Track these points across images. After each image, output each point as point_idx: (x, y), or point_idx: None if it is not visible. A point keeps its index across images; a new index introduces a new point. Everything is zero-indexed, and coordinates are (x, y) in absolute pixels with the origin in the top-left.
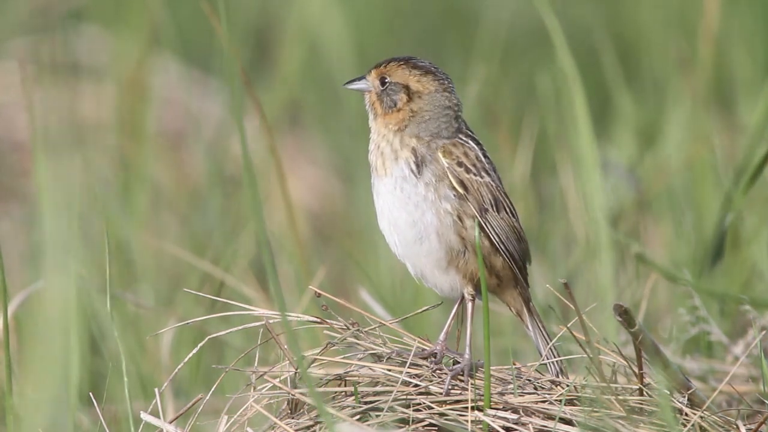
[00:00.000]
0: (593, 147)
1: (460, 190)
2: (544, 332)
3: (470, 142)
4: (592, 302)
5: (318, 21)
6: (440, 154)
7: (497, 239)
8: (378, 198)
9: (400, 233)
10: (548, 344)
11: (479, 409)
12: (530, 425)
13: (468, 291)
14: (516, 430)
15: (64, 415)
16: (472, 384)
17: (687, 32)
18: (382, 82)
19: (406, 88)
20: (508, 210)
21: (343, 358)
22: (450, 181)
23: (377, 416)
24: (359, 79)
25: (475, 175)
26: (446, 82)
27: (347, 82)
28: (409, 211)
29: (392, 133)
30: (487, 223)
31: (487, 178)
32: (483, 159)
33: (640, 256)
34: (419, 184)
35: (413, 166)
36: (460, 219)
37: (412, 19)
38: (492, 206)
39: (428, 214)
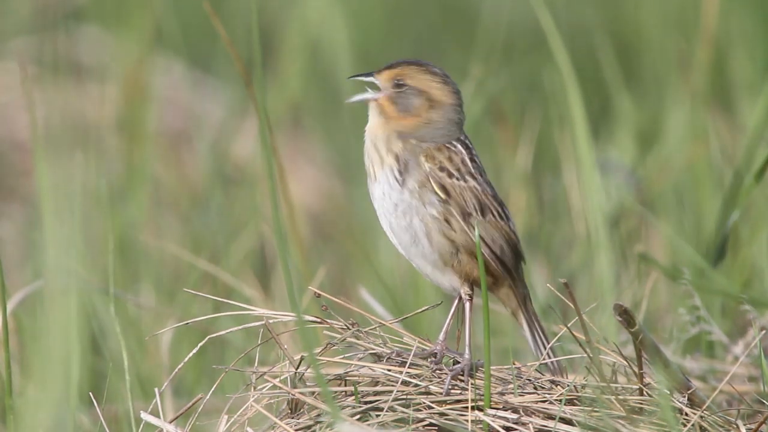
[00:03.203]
0: (590, 147)
1: (442, 195)
2: (540, 333)
3: (458, 146)
4: (592, 302)
5: (318, 21)
6: (423, 159)
7: (484, 242)
8: (374, 201)
9: (397, 236)
10: (543, 345)
11: (479, 409)
12: (530, 425)
13: (465, 290)
14: (516, 429)
15: (64, 415)
16: (472, 384)
17: (686, 32)
18: (398, 85)
19: (426, 95)
20: (495, 213)
21: (343, 358)
22: (432, 186)
23: (377, 416)
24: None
25: (458, 179)
26: (460, 96)
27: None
28: (398, 216)
29: (383, 138)
30: (471, 228)
31: (472, 182)
32: (469, 163)
33: (643, 256)
34: (404, 191)
35: (396, 174)
36: (447, 222)
37: (412, 18)
38: (476, 210)
39: (415, 220)
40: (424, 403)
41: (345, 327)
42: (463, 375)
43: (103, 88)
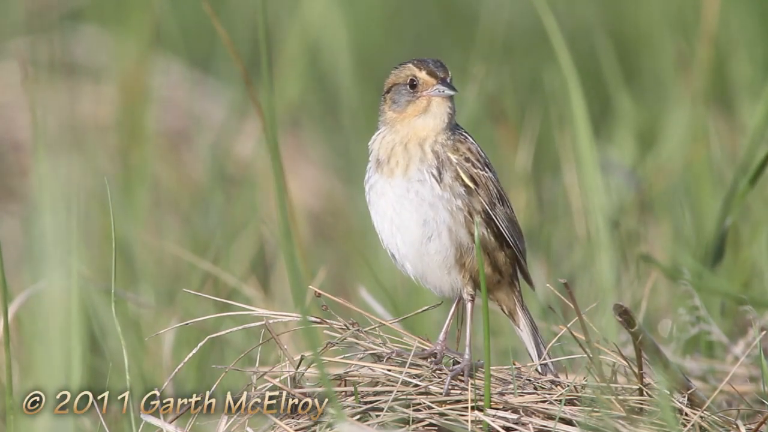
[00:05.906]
0: (592, 147)
1: (471, 185)
2: (536, 333)
3: (469, 137)
4: (592, 302)
5: (318, 21)
6: (450, 153)
7: (507, 232)
8: (380, 198)
9: (406, 233)
10: (539, 345)
11: (479, 409)
12: (530, 425)
13: (467, 291)
14: (516, 430)
15: (64, 415)
16: (472, 384)
17: (687, 32)
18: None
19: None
20: (508, 204)
21: (343, 358)
22: (461, 178)
23: (377, 416)
24: (453, 90)
25: (480, 169)
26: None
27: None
28: (423, 211)
29: (431, 133)
30: (497, 217)
31: (489, 173)
32: (482, 153)
33: (644, 257)
34: (437, 185)
35: (434, 171)
36: (470, 214)
37: (412, 18)
38: (498, 199)
39: (443, 212)
40: (424, 403)
41: (345, 327)
42: (463, 375)
43: (102, 88)
